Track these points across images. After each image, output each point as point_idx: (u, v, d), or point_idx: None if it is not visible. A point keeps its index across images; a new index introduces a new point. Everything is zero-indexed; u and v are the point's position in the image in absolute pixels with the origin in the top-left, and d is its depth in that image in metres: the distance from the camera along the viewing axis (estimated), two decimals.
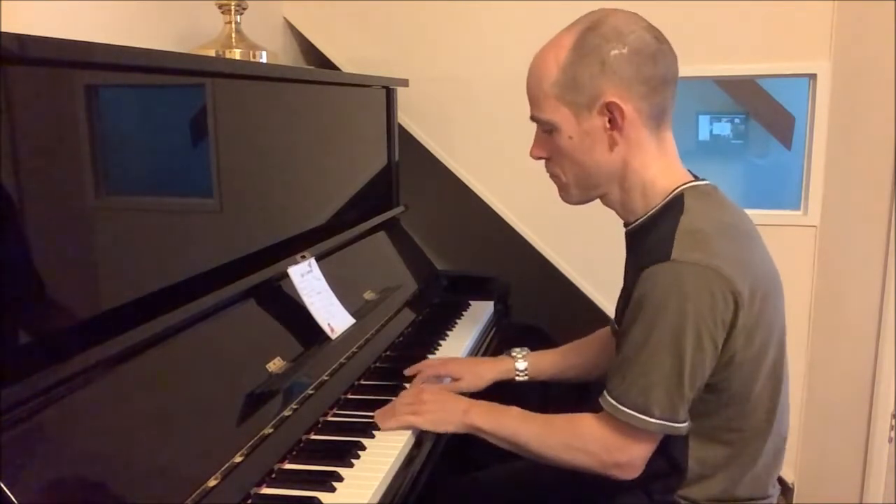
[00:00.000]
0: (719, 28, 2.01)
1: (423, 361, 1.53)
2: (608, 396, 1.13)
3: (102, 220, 1.06)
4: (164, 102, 1.22)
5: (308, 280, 1.47)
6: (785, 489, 2.14)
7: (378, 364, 1.57)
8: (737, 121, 4.12)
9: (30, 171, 0.92)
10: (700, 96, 4.01)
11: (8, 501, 0.78)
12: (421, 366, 1.50)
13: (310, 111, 1.66)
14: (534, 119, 1.20)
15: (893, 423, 2.04)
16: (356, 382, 1.46)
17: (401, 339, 1.73)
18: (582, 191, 1.23)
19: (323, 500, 1.05)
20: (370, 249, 1.88)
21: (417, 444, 1.26)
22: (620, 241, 1.28)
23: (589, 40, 1.11)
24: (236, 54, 1.70)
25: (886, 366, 2.01)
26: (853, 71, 1.95)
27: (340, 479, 1.11)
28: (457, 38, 2.20)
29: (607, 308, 2.11)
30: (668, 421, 1.09)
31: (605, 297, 2.13)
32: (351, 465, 1.15)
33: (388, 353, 1.64)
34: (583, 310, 2.15)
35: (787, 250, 1.92)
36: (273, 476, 1.11)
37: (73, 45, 0.96)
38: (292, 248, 1.49)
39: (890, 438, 2.04)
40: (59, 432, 0.89)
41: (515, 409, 1.25)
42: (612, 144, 1.15)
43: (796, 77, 2.03)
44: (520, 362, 1.52)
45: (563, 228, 2.14)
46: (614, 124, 1.13)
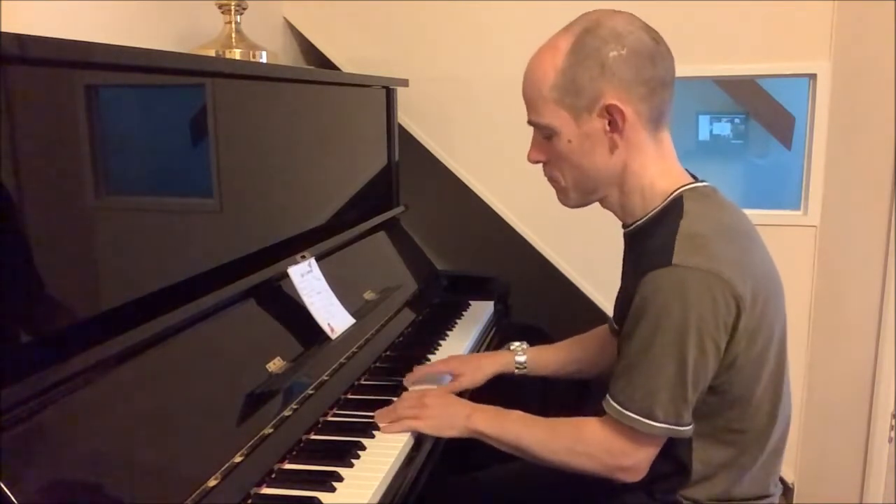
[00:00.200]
0: (719, 28, 2.01)
1: (422, 366, 1.52)
2: (612, 401, 1.13)
3: (102, 220, 1.06)
4: (164, 102, 1.22)
5: (308, 280, 1.47)
6: (785, 489, 2.14)
7: (378, 364, 1.57)
8: (737, 121, 4.12)
9: (30, 171, 0.91)
10: (700, 96, 4.01)
11: (8, 501, 0.78)
12: (420, 372, 1.49)
13: (310, 111, 1.66)
14: (532, 124, 1.19)
15: (893, 423, 2.04)
16: (356, 382, 1.46)
17: (401, 339, 1.73)
18: (581, 194, 1.22)
19: (323, 500, 1.05)
20: (370, 249, 1.88)
21: (417, 444, 1.26)
22: (620, 241, 1.28)
23: (587, 42, 1.10)
24: (236, 54, 1.70)
25: (886, 366, 2.01)
26: (853, 71, 1.95)
27: (340, 479, 1.11)
28: (457, 38, 2.20)
29: (607, 308, 2.10)
30: (673, 424, 1.10)
31: (605, 297, 2.13)
32: (351, 465, 1.15)
33: (388, 353, 1.64)
34: (583, 310, 2.15)
35: (787, 250, 1.93)
36: (273, 476, 1.11)
37: (73, 45, 0.96)
38: (292, 248, 1.49)
39: (890, 438, 2.04)
40: (59, 432, 0.89)
41: (518, 413, 1.25)
42: (613, 147, 1.14)
43: (796, 77, 2.03)
44: (519, 355, 1.52)
45: (563, 228, 2.14)
46: (614, 127, 1.12)
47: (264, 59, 1.75)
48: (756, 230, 1.22)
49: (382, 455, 1.19)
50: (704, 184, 1.20)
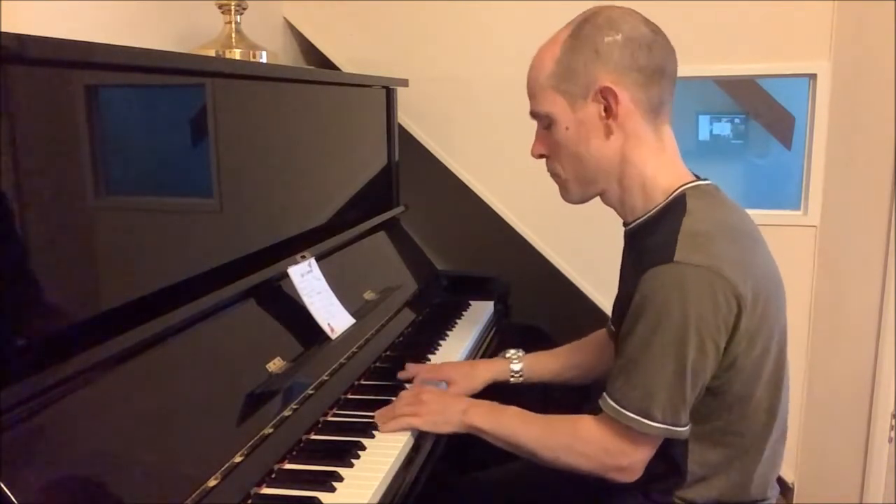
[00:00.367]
0: (719, 28, 2.01)
1: (416, 366, 1.51)
2: (609, 399, 1.12)
3: (102, 220, 1.06)
4: (164, 102, 1.22)
5: (308, 280, 1.47)
6: (785, 489, 2.15)
7: (378, 364, 1.57)
8: (737, 121, 4.12)
9: (30, 171, 0.91)
10: (700, 96, 4.01)
11: (8, 501, 0.78)
12: (414, 370, 1.48)
13: (310, 111, 1.66)
14: (533, 114, 1.21)
15: (893, 423, 2.04)
16: (356, 382, 1.46)
17: (401, 339, 1.73)
18: (581, 186, 1.22)
19: (323, 500, 1.05)
20: (370, 249, 1.88)
21: (417, 444, 1.26)
22: (620, 240, 1.27)
23: (583, 31, 1.14)
24: (236, 54, 1.70)
25: (886, 366, 2.01)
26: (853, 71, 1.95)
27: (340, 479, 1.10)
28: (457, 38, 2.20)
29: (607, 308, 2.10)
30: (670, 425, 1.09)
31: (605, 297, 2.13)
32: (351, 465, 1.15)
33: (388, 353, 1.64)
34: (583, 310, 2.15)
35: (787, 250, 1.92)
36: (273, 476, 1.11)
37: (73, 45, 0.96)
38: (292, 248, 1.49)
39: (890, 438, 2.04)
40: (58, 432, 0.89)
41: (515, 410, 1.25)
42: (608, 133, 1.15)
43: (796, 77, 2.03)
44: (515, 364, 1.50)
45: (563, 228, 2.14)
46: (609, 112, 1.13)
47: (264, 59, 1.75)
48: (759, 231, 1.21)
49: (382, 455, 1.19)
50: (707, 182, 1.20)
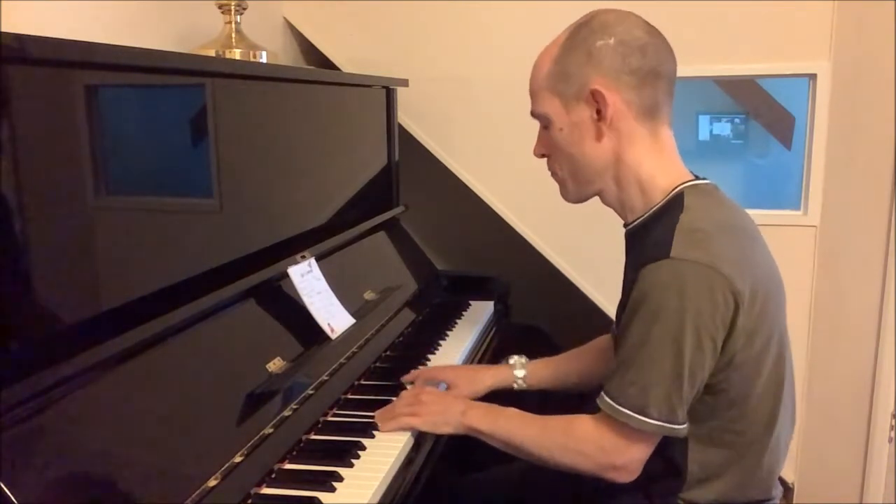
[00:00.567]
0: (719, 28, 2.01)
1: (420, 369, 1.51)
2: (605, 397, 1.12)
3: (102, 220, 1.06)
4: (164, 102, 1.22)
5: (308, 280, 1.47)
6: (785, 489, 2.14)
7: (378, 364, 1.57)
8: (737, 121, 4.12)
9: (30, 171, 0.91)
10: (700, 96, 4.01)
11: (8, 501, 0.78)
12: (417, 372, 1.48)
13: (310, 111, 1.66)
14: (532, 114, 1.23)
15: (893, 423, 2.04)
16: (356, 382, 1.46)
17: (401, 339, 1.73)
18: (578, 186, 1.23)
19: (323, 500, 1.05)
20: (370, 249, 1.88)
21: (417, 444, 1.26)
22: (620, 240, 1.27)
23: (579, 34, 1.15)
24: (236, 54, 1.70)
25: (886, 366, 2.01)
26: (853, 71, 1.95)
27: (340, 479, 1.10)
28: (457, 38, 2.20)
29: (607, 308, 2.10)
30: (667, 422, 1.09)
31: (604, 296, 2.13)
32: (351, 466, 1.15)
33: (388, 353, 1.64)
34: (583, 310, 2.15)
35: (787, 250, 1.92)
36: (273, 476, 1.11)
37: (73, 45, 0.96)
38: (292, 248, 1.49)
39: (890, 438, 2.04)
40: (58, 432, 0.89)
41: (513, 411, 1.25)
42: (600, 135, 1.16)
43: (796, 77, 2.03)
44: (518, 370, 1.49)
45: (563, 228, 2.14)
46: (601, 114, 1.14)
47: (264, 59, 1.75)
48: (758, 230, 1.21)
49: (382, 455, 1.19)
50: (706, 181, 1.20)
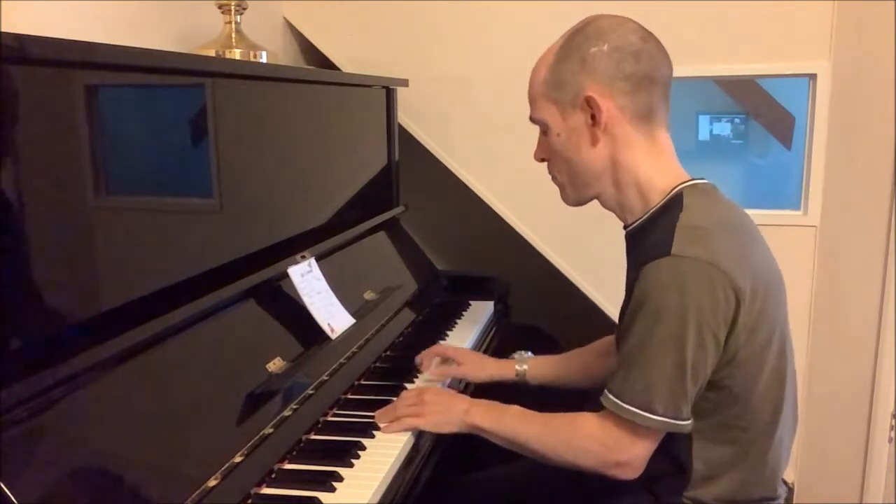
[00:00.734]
0: (719, 28, 2.01)
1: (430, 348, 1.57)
2: (609, 394, 1.12)
3: (102, 220, 1.06)
4: (164, 102, 1.22)
5: (308, 280, 1.47)
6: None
7: (378, 364, 1.57)
8: (737, 121, 4.12)
9: (30, 171, 0.91)
10: (700, 96, 4.01)
11: (8, 501, 0.78)
12: (427, 350, 1.55)
13: (310, 111, 1.66)
14: (531, 120, 1.24)
15: (893, 423, 2.04)
16: (356, 382, 1.46)
17: (401, 339, 1.73)
18: (576, 190, 1.24)
19: (323, 500, 1.05)
20: (370, 249, 1.88)
21: (417, 444, 1.26)
22: (620, 240, 1.28)
23: (574, 41, 1.17)
24: (236, 54, 1.70)
25: (886, 366, 2.01)
26: (853, 71, 1.94)
27: (340, 479, 1.10)
28: (457, 38, 2.20)
29: (607, 308, 2.11)
30: (671, 418, 1.09)
31: (604, 296, 2.13)
32: (351, 465, 1.15)
33: (388, 353, 1.64)
34: (583, 310, 2.15)
35: (787, 250, 1.92)
36: (273, 476, 1.11)
37: (73, 45, 0.96)
38: (292, 248, 1.49)
39: (890, 438, 2.04)
40: (58, 432, 0.89)
41: (516, 408, 1.25)
42: (595, 141, 1.17)
43: (796, 77, 2.03)
44: (519, 365, 1.53)
45: (563, 228, 2.14)
46: (595, 120, 1.15)
47: (264, 59, 1.75)
48: (757, 228, 1.22)
49: (382, 455, 1.19)
50: (704, 181, 1.21)
